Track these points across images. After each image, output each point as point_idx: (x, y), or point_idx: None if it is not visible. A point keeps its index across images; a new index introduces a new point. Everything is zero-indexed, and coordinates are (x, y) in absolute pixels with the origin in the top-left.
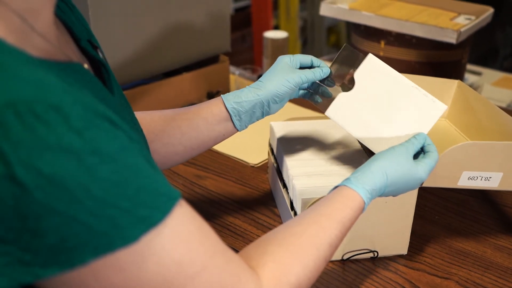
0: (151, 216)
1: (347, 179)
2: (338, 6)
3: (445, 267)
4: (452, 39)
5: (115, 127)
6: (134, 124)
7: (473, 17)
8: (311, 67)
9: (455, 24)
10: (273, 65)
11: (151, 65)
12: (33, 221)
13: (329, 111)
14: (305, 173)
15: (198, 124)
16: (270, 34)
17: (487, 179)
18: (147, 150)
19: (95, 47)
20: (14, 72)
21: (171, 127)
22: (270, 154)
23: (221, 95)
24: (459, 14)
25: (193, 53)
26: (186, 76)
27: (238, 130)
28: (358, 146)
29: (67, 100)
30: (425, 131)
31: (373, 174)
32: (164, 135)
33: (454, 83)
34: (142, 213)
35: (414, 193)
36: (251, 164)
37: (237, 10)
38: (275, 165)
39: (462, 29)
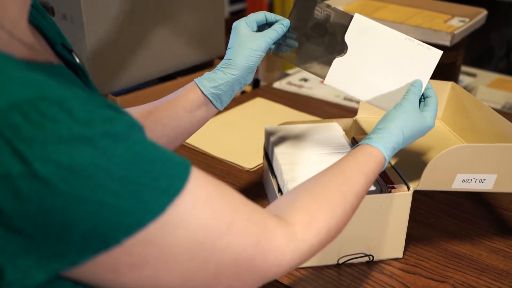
0: (172, 185)
1: (368, 138)
2: None
3: (440, 270)
4: (446, 41)
5: (117, 112)
6: None
7: (467, 19)
8: (267, 23)
9: (449, 27)
10: (232, 35)
11: (146, 70)
12: (61, 214)
13: (328, 80)
14: (300, 178)
15: (178, 113)
16: None
17: (481, 181)
18: None
19: (70, 50)
20: (9, 75)
21: (151, 121)
22: (265, 158)
23: (195, 79)
24: (453, 16)
25: (188, 57)
26: (181, 81)
27: (220, 110)
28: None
29: (67, 95)
30: (426, 78)
31: (391, 134)
32: (146, 131)
33: (447, 85)
34: (162, 184)
35: (409, 196)
36: (247, 168)
37: (232, 14)
38: (270, 169)
39: (456, 32)
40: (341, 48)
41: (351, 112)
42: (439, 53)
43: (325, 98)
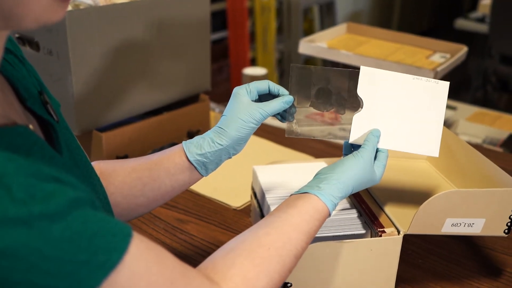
0: (109, 259)
1: (319, 188)
2: (317, 44)
3: None
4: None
5: (61, 185)
6: (88, 177)
7: (448, 55)
8: (269, 93)
9: (431, 63)
10: (230, 101)
11: (132, 105)
12: None
13: (352, 139)
14: None
15: (160, 175)
16: (249, 71)
17: (470, 225)
18: (106, 200)
19: (46, 102)
20: None
21: (132, 179)
22: (253, 197)
23: (183, 142)
24: (435, 52)
25: (174, 92)
26: (167, 116)
27: (204, 176)
28: None
29: (9, 170)
30: (443, 110)
31: (342, 186)
32: (124, 187)
33: None
34: (100, 259)
35: (399, 240)
36: (233, 207)
37: (214, 42)
38: (257, 209)
39: (439, 68)
40: (353, 104)
41: (337, 148)
42: (447, 84)
43: None
